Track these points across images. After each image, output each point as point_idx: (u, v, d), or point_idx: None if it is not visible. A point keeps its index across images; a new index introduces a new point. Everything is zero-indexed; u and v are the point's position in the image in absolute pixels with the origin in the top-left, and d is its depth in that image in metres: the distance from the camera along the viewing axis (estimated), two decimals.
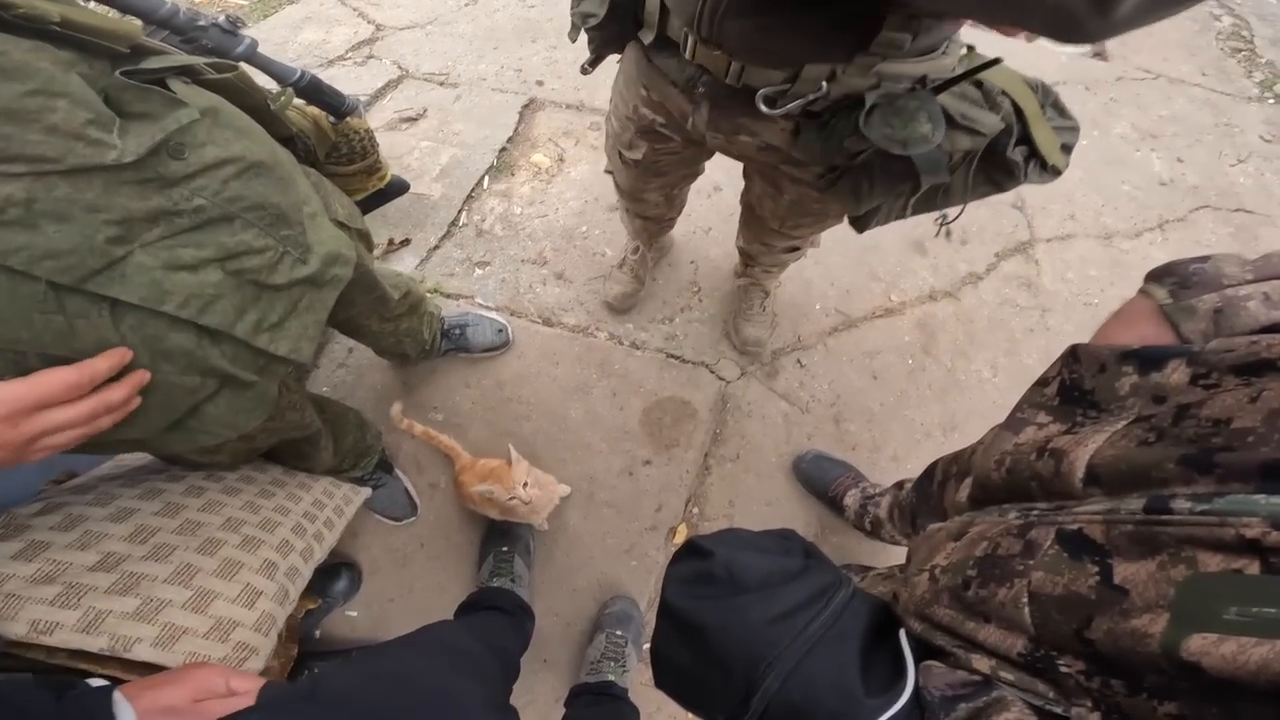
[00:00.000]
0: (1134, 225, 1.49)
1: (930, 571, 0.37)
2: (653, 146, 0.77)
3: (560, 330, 1.25)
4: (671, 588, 0.41)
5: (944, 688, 0.31)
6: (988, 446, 0.42)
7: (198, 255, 0.44)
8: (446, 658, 0.53)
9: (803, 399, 1.18)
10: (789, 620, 0.35)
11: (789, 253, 0.97)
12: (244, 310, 0.49)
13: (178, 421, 0.50)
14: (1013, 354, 1.25)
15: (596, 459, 1.14)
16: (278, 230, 0.50)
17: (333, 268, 0.57)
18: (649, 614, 1.05)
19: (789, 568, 0.38)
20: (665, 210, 1.02)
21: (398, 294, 0.92)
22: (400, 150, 1.55)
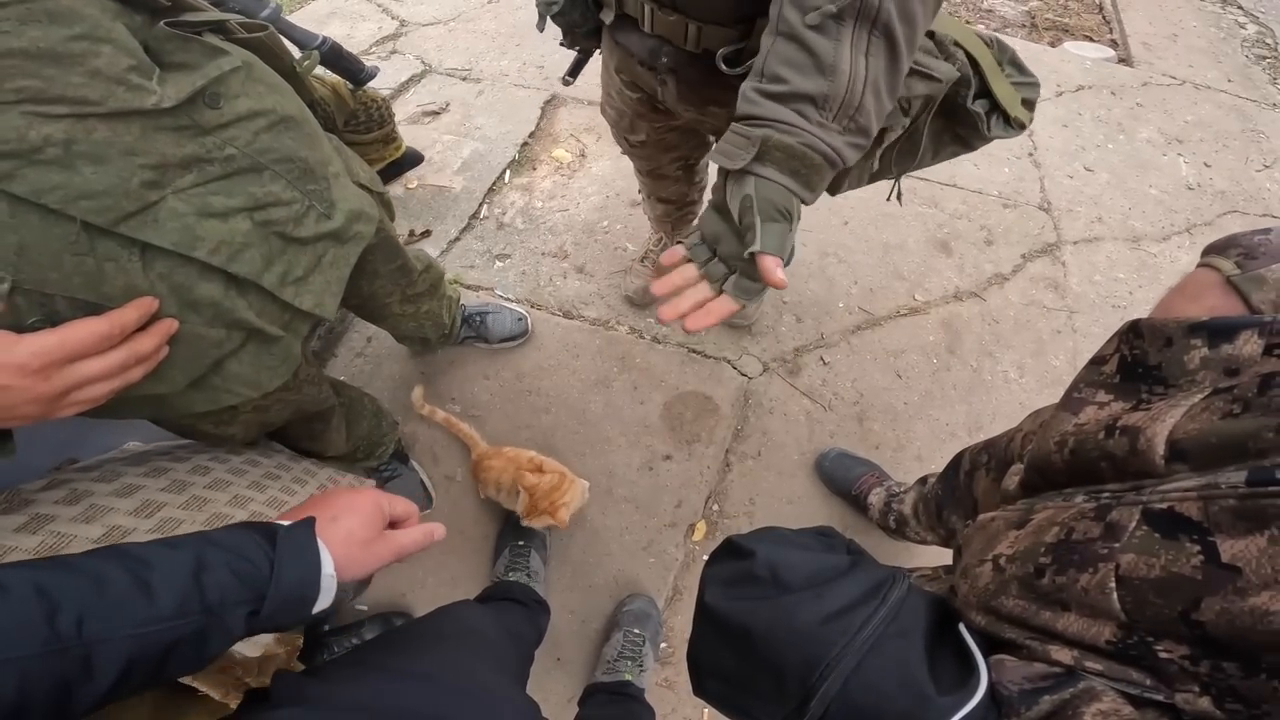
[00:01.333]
0: (1161, 229, 1.47)
1: (994, 561, 0.35)
2: (652, 125, 0.78)
3: (581, 323, 1.25)
4: (711, 590, 0.39)
5: (1021, 681, 0.30)
6: (1045, 428, 0.41)
7: (228, 203, 0.44)
8: (478, 650, 0.52)
9: (826, 397, 1.17)
10: (844, 619, 0.33)
11: None
12: (271, 261, 0.49)
13: (202, 378, 0.49)
14: (1039, 355, 1.23)
15: (616, 453, 1.13)
16: (304, 184, 0.51)
17: (356, 224, 0.57)
18: (666, 612, 1.04)
19: (836, 564, 0.37)
20: (686, 189, 1.01)
21: (420, 265, 0.92)
22: (422, 144, 1.56)
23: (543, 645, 0.92)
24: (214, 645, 0.37)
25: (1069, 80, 1.87)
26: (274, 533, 0.40)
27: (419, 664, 0.45)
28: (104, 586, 0.34)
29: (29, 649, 0.31)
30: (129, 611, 0.34)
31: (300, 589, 0.40)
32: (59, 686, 0.32)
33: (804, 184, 0.47)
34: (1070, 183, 1.54)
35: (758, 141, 0.45)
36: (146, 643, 0.34)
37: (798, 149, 0.45)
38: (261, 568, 0.38)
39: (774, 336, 1.23)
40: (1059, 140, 1.66)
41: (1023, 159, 1.59)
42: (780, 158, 0.46)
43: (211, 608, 0.37)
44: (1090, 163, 1.61)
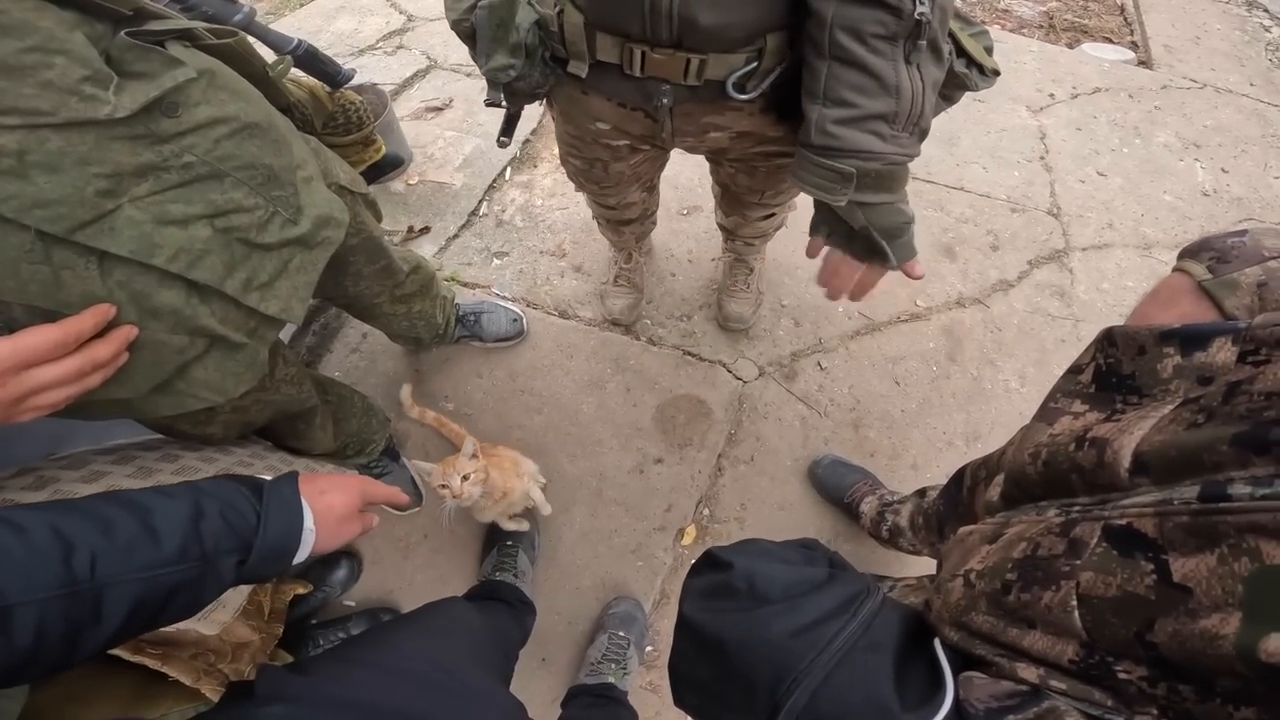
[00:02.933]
0: (1175, 236, 1.45)
1: (965, 577, 0.35)
2: (629, 164, 0.78)
3: (576, 323, 1.25)
4: (690, 601, 0.40)
5: (988, 699, 0.30)
6: (1021, 440, 0.41)
7: (187, 211, 0.45)
8: (464, 648, 0.53)
9: (821, 402, 1.17)
10: (815, 632, 0.34)
11: (765, 220, 0.97)
12: (233, 268, 0.49)
13: (165, 383, 0.50)
14: (1043, 364, 1.22)
15: (607, 455, 1.14)
16: (269, 190, 0.51)
17: (324, 229, 0.58)
18: (653, 616, 1.05)
19: (813, 577, 0.37)
20: (648, 204, 1.03)
21: (407, 266, 0.92)
22: (424, 140, 1.58)
23: (528, 645, 0.93)
24: (207, 593, 0.39)
25: (1085, 82, 1.85)
26: (260, 486, 0.42)
27: (405, 661, 0.46)
28: (112, 529, 0.35)
29: (47, 590, 0.32)
30: (137, 555, 0.35)
31: (284, 541, 0.42)
32: (70, 630, 0.33)
33: (898, 190, 0.52)
34: (1082, 187, 1.52)
35: (852, 177, 0.50)
36: (152, 586, 0.36)
37: (885, 171, 0.50)
38: (249, 518, 0.40)
39: (771, 340, 1.23)
40: (1072, 144, 1.64)
41: (1033, 162, 1.57)
42: (874, 181, 0.51)
43: (208, 555, 0.38)
44: (1104, 167, 1.59)
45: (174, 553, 0.36)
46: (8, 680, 0.32)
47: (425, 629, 0.53)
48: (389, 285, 0.90)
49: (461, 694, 0.46)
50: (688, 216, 1.37)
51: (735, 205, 0.93)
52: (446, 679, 0.46)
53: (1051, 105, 1.75)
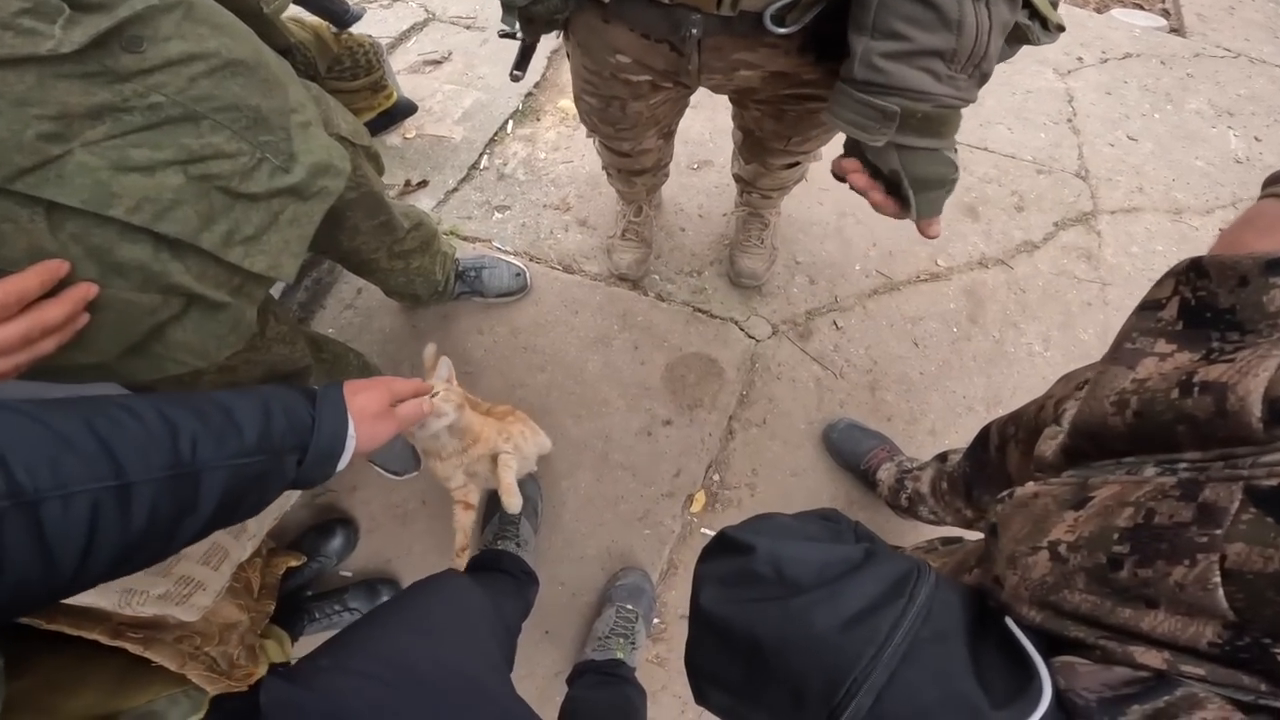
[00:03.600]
0: (1206, 202, 1.42)
1: (1051, 550, 0.31)
2: (649, 103, 0.74)
3: (581, 278, 1.22)
4: (708, 591, 0.36)
5: (1099, 688, 0.26)
6: (1096, 386, 0.36)
7: (153, 156, 0.42)
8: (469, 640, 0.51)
9: (837, 363, 1.15)
10: (868, 623, 0.30)
11: (788, 169, 0.94)
12: (211, 220, 0.46)
13: (139, 346, 0.47)
14: (1067, 328, 1.20)
15: (614, 416, 1.11)
16: (255, 135, 0.48)
17: (321, 179, 0.54)
18: (660, 587, 1.03)
19: (848, 556, 0.34)
20: (663, 154, 0.99)
21: (408, 223, 0.89)
22: (422, 93, 1.54)
23: (531, 617, 0.91)
24: (273, 489, 0.41)
25: (1115, 47, 1.80)
26: (312, 392, 0.45)
27: (411, 667, 0.44)
28: (206, 418, 0.37)
29: (160, 471, 0.33)
30: (227, 443, 0.37)
31: (333, 444, 0.44)
32: (175, 514, 0.34)
33: (947, 135, 0.48)
34: (1111, 151, 1.49)
35: (895, 116, 0.46)
36: (238, 475, 0.37)
37: (935, 114, 0.46)
38: (306, 420, 0.42)
39: (785, 298, 1.20)
40: (1101, 107, 1.60)
41: (1060, 124, 1.53)
42: (919, 124, 0.46)
43: (277, 450, 0.40)
44: (1134, 131, 1.55)
45: (254, 444, 0.38)
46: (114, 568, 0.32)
47: (426, 622, 0.51)
48: (387, 241, 0.87)
49: (471, 702, 0.45)
50: (698, 171, 1.34)
51: (757, 152, 0.90)
52: (454, 682, 0.45)
53: (1080, 69, 1.71)
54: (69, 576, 0.31)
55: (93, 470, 0.31)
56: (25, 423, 0.30)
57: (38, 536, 0.29)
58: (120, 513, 0.31)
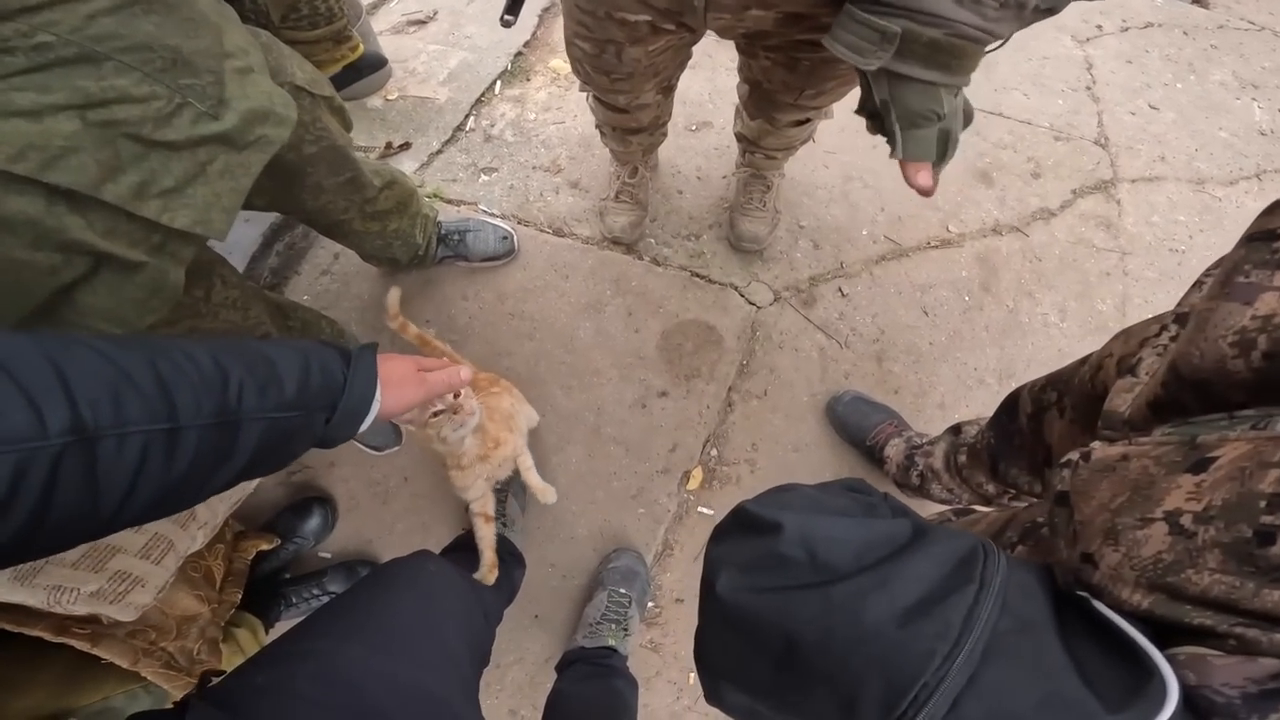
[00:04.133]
0: (1229, 173, 1.38)
1: (1170, 521, 0.27)
2: (647, 50, 0.69)
3: (572, 241, 1.18)
4: (726, 576, 0.31)
5: (1243, 683, 0.23)
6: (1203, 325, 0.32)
7: (39, 100, 0.38)
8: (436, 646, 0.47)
9: (842, 332, 1.11)
10: (934, 615, 0.25)
11: (797, 127, 0.89)
12: (117, 170, 0.42)
13: (45, 311, 0.43)
14: (1085, 298, 1.16)
15: (606, 387, 1.07)
16: (173, 78, 0.44)
17: (259, 127, 0.51)
18: (655, 569, 1.00)
19: (893, 534, 0.29)
20: (662, 112, 0.94)
21: (379, 181, 0.85)
22: (405, 54, 1.48)
23: (519, 600, 0.88)
24: (302, 443, 0.41)
25: (1137, 16, 1.76)
26: (347, 351, 0.45)
27: (359, 694, 0.40)
28: (254, 367, 0.37)
29: (208, 417, 0.33)
30: (269, 394, 0.37)
31: (360, 404, 0.44)
32: (211, 462, 0.34)
33: (955, 72, 0.42)
34: (1132, 119, 1.45)
35: (895, 38, 0.40)
36: (274, 427, 0.37)
37: (944, 42, 0.40)
38: (339, 379, 0.43)
39: (788, 263, 1.16)
40: (1122, 76, 1.56)
41: (1079, 91, 1.49)
42: (923, 52, 0.41)
43: (310, 406, 0.40)
44: (1156, 100, 1.51)
45: (293, 397, 0.38)
46: (147, 512, 0.32)
47: (385, 629, 0.46)
48: (357, 200, 0.83)
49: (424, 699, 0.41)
50: (696, 132, 1.29)
51: (765, 106, 0.85)
52: (409, 709, 0.41)
53: (1099, 36, 1.67)
54: (107, 517, 0.30)
55: (151, 411, 0.31)
56: (95, 358, 0.30)
57: (90, 474, 0.29)
58: (166, 456, 0.31)
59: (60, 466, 0.27)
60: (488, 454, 0.73)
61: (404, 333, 1.06)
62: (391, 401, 0.47)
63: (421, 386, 0.50)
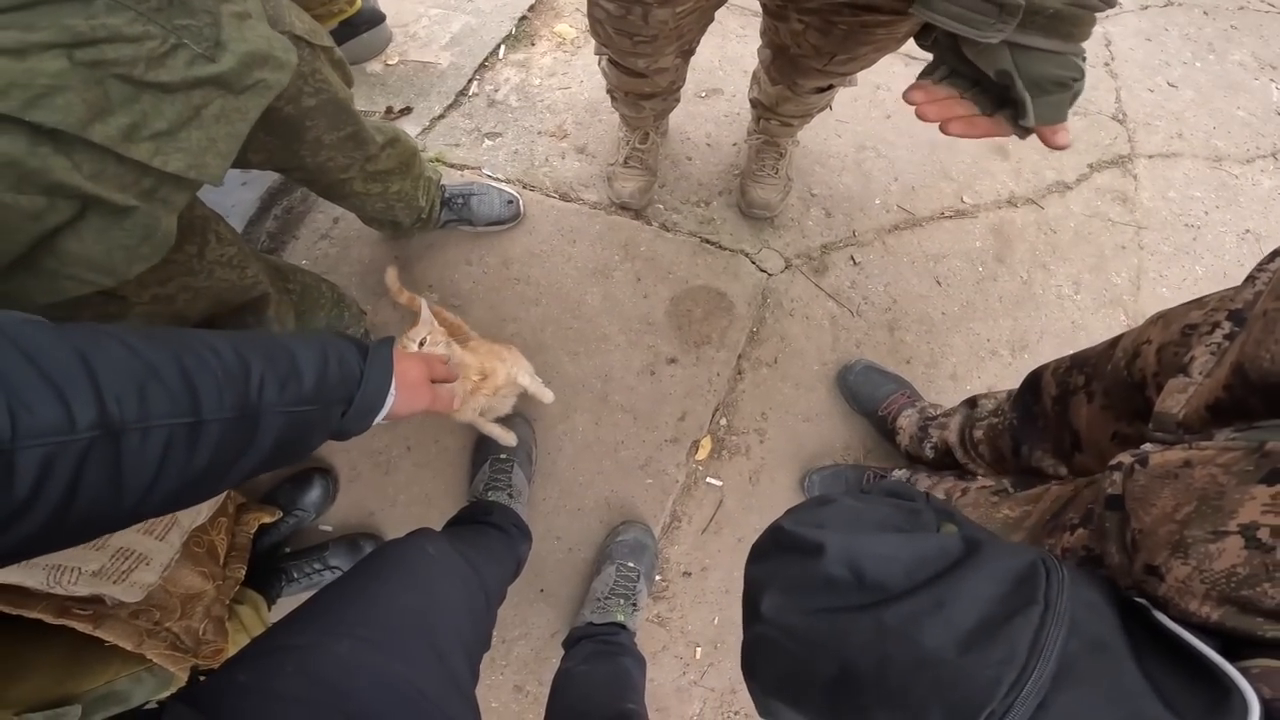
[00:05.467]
0: (1246, 151, 1.42)
1: (1245, 535, 0.27)
2: (674, 10, 0.70)
3: (579, 206, 1.20)
4: (770, 598, 0.31)
5: None
6: (1272, 328, 0.31)
7: (23, 39, 0.38)
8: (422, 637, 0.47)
9: (854, 300, 1.13)
10: (998, 639, 0.25)
11: (819, 94, 0.90)
12: (105, 111, 0.42)
13: (27, 259, 0.43)
14: (1099, 270, 1.19)
15: (614, 353, 1.09)
16: (169, 18, 0.44)
17: (257, 70, 0.51)
18: (663, 542, 1.02)
19: (945, 549, 0.29)
20: (678, 76, 0.95)
21: (381, 138, 0.86)
22: (406, 18, 1.50)
23: (525, 574, 0.90)
24: (318, 436, 0.43)
25: None
26: (364, 346, 0.47)
27: (346, 695, 0.39)
28: (274, 360, 0.38)
29: (230, 410, 0.35)
30: (288, 387, 0.39)
31: (375, 399, 0.46)
32: (232, 455, 0.36)
33: (1075, 40, 0.43)
34: (1150, 96, 1.48)
35: (1017, 10, 0.40)
36: (293, 420, 0.39)
37: (1066, 11, 0.41)
38: (355, 373, 0.45)
39: (799, 230, 1.18)
40: (1141, 53, 1.59)
41: (1097, 68, 1.52)
42: (1046, 23, 0.41)
43: (327, 400, 0.42)
44: (1175, 78, 1.55)
45: (311, 391, 0.40)
46: (168, 503, 0.33)
47: (375, 621, 0.46)
48: (359, 158, 0.83)
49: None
50: (706, 99, 1.31)
51: (787, 72, 0.86)
52: (398, 711, 0.40)
53: (1118, 14, 1.70)
54: (129, 509, 0.32)
55: (175, 405, 0.32)
56: (123, 353, 0.31)
57: (114, 467, 0.30)
58: (189, 449, 0.33)
59: (86, 460, 0.28)
60: (477, 387, 0.78)
61: (411, 306, 1.08)
62: (403, 403, 0.49)
63: (429, 395, 0.53)
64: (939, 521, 0.34)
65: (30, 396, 0.27)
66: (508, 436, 0.92)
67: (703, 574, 1.02)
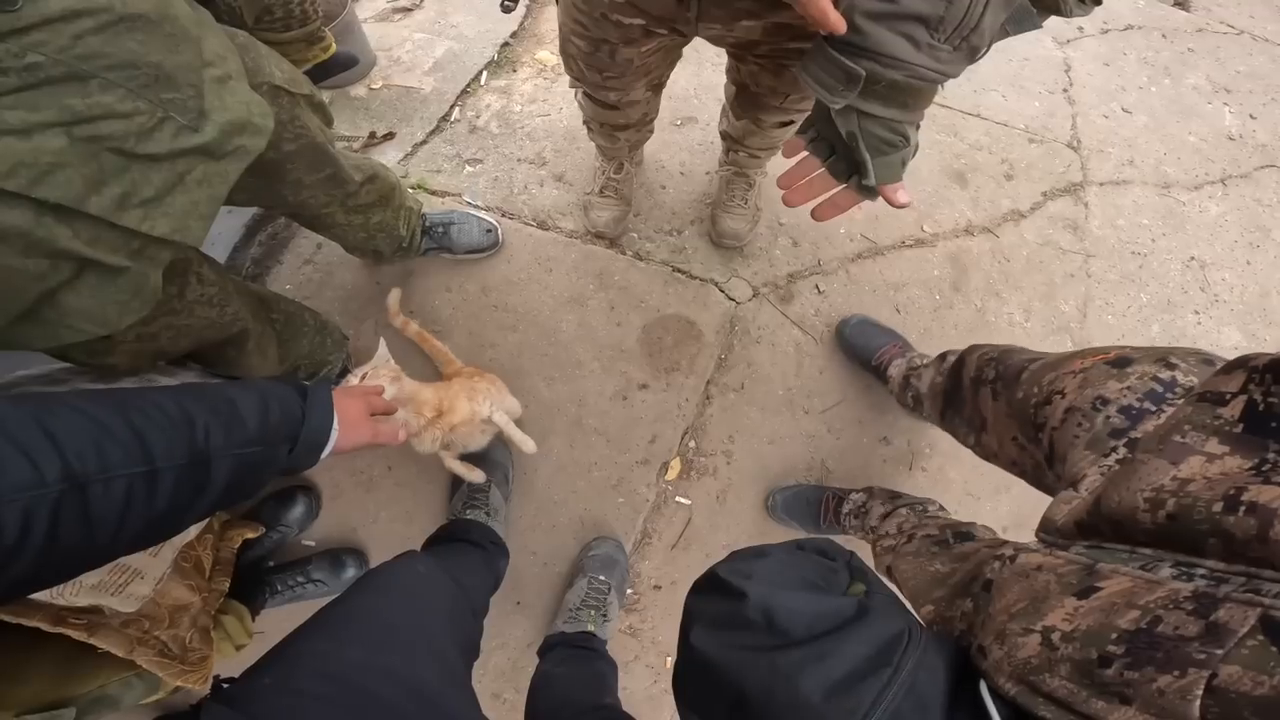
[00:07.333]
0: (1195, 177, 1.48)
1: (1044, 635, 0.32)
2: (640, 50, 0.74)
3: (556, 234, 1.24)
4: (699, 630, 0.38)
5: None
6: (1130, 475, 0.36)
7: (29, 119, 0.41)
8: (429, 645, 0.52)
9: (818, 328, 1.18)
10: (852, 692, 0.31)
11: (781, 128, 0.94)
12: (101, 183, 0.46)
13: (31, 312, 0.47)
14: (1049, 299, 1.25)
15: (588, 379, 1.14)
16: (156, 93, 0.48)
17: (237, 137, 0.54)
18: (634, 557, 1.07)
19: (841, 610, 0.35)
20: (650, 108, 0.99)
21: (360, 176, 0.89)
22: (390, 42, 1.52)
23: (502, 587, 0.93)
24: (267, 475, 0.47)
25: (1118, 18, 1.85)
26: (304, 388, 0.52)
27: (360, 689, 0.45)
28: (217, 410, 0.43)
29: (181, 459, 0.39)
30: (234, 433, 0.43)
31: (319, 436, 0.51)
32: (190, 495, 0.40)
33: (911, 109, 0.47)
34: (1105, 122, 1.54)
35: (859, 79, 0.45)
36: (241, 462, 0.44)
37: (903, 83, 0.45)
38: (297, 414, 0.50)
39: (767, 259, 1.23)
40: (1099, 78, 1.65)
41: (1056, 94, 1.58)
42: (885, 92, 0.46)
43: (272, 440, 0.46)
44: (1129, 104, 1.60)
45: (255, 434, 0.45)
46: (137, 542, 0.38)
47: (378, 630, 0.51)
48: (338, 195, 0.86)
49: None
50: (681, 128, 1.35)
51: (750, 108, 0.90)
52: (409, 702, 0.46)
53: (1080, 38, 1.76)
54: (103, 548, 0.37)
55: (129, 456, 0.37)
56: (74, 415, 0.36)
57: (84, 514, 0.35)
58: (148, 493, 0.38)
59: (60, 509, 0.33)
60: (431, 420, 0.83)
61: (405, 331, 1.12)
62: (344, 440, 0.54)
63: (370, 430, 0.58)
64: (851, 582, 0.40)
65: (2, 460, 0.32)
66: (471, 474, 0.94)
67: (672, 587, 1.07)
